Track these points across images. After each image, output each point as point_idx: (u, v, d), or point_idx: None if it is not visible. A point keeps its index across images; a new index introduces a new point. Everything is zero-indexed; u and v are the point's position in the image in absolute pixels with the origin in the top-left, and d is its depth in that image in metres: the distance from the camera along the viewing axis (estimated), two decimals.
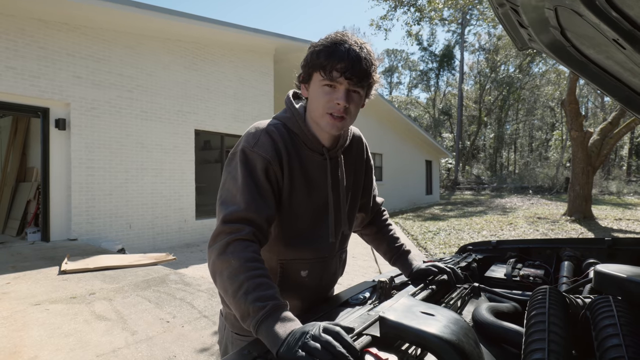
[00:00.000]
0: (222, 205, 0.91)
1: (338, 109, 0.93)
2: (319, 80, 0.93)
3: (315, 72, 0.94)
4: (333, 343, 0.59)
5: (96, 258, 4.73)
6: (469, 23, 32.27)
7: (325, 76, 0.91)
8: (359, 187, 1.17)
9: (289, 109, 1.04)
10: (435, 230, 9.22)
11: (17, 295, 3.42)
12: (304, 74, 0.98)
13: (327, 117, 0.94)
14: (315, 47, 0.94)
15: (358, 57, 0.90)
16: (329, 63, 0.90)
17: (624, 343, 0.60)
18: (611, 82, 1.31)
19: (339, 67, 0.89)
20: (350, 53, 0.90)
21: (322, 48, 0.92)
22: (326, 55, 0.91)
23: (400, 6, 12.32)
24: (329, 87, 0.92)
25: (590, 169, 10.46)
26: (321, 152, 1.02)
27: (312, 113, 0.98)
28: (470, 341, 0.64)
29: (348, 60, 0.89)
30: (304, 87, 1.00)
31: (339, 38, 0.93)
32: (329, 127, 0.95)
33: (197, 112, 7.75)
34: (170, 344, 2.63)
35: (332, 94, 0.92)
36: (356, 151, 1.15)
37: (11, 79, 5.35)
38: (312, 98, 0.97)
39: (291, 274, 1.03)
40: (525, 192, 23.04)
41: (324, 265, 1.07)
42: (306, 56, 0.97)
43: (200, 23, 6.93)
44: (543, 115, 37.51)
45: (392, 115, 14.84)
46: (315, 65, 0.93)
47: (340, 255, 1.15)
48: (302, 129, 1.00)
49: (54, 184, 5.92)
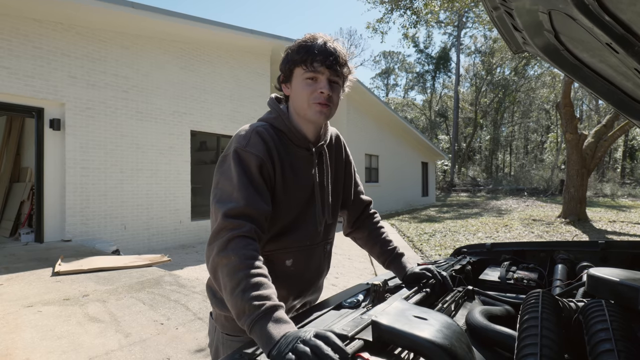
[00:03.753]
0: (219, 203, 0.91)
1: (322, 98, 0.99)
2: (300, 75, 1.00)
3: (296, 68, 1.01)
4: (322, 347, 0.60)
5: (90, 259, 4.69)
6: (465, 25, 32.47)
7: (307, 68, 0.98)
8: (340, 182, 1.24)
9: (274, 109, 1.09)
10: (431, 232, 9.23)
11: (10, 296, 3.39)
12: (284, 74, 1.05)
13: (314, 106, 1.00)
14: (292, 47, 1.03)
15: (334, 48, 0.99)
16: (309, 56, 0.97)
17: (617, 348, 0.60)
18: (604, 86, 1.32)
19: (319, 59, 0.97)
20: (327, 45, 0.99)
21: (300, 46, 1.00)
22: (305, 50, 0.98)
23: (396, 9, 12.36)
24: (311, 79, 0.99)
25: (585, 171, 10.52)
26: (307, 148, 1.08)
27: (298, 107, 1.03)
28: (462, 345, 0.64)
29: (327, 52, 0.98)
30: (285, 86, 1.07)
31: (313, 36, 1.01)
32: (317, 115, 1.01)
33: (193, 112, 7.73)
34: (164, 346, 2.61)
35: (314, 84, 0.99)
36: (336, 148, 1.23)
37: (5, 78, 5.31)
38: (296, 93, 1.02)
39: (276, 264, 1.05)
40: (521, 194, 23.16)
41: (308, 253, 1.11)
42: (284, 58, 1.04)
43: (197, 24, 6.91)
44: (538, 118, 37.74)
45: (389, 117, 14.87)
46: (296, 61, 1.00)
47: (325, 245, 1.18)
48: (288, 127, 1.05)
49: (48, 184, 5.87)
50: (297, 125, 1.06)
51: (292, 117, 1.07)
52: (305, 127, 1.07)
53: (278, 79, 1.07)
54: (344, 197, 1.26)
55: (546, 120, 37.73)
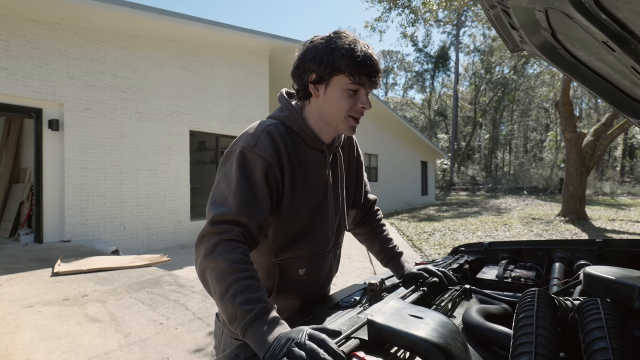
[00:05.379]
0: (213, 206, 0.88)
1: (361, 112, 0.95)
2: (343, 83, 0.91)
3: (339, 75, 0.91)
4: (318, 351, 0.59)
5: (90, 260, 4.69)
6: (464, 24, 32.42)
7: (353, 80, 0.90)
8: (352, 183, 1.19)
9: (286, 107, 1.01)
10: (431, 231, 9.24)
11: (9, 297, 3.39)
12: (319, 75, 0.92)
13: (350, 120, 0.95)
14: (333, 48, 0.89)
15: (376, 60, 0.91)
16: (358, 68, 0.89)
17: (611, 346, 0.60)
18: (602, 84, 1.32)
19: (367, 72, 0.89)
20: (372, 57, 0.90)
21: (349, 52, 0.89)
22: (356, 61, 0.88)
23: (394, 8, 12.35)
24: (353, 92, 0.92)
25: (584, 169, 10.54)
26: (321, 150, 1.02)
27: (329, 116, 0.96)
28: (458, 344, 0.64)
29: (375, 66, 0.90)
30: (316, 87, 0.94)
31: (355, 39, 0.91)
32: (350, 130, 0.96)
33: (192, 112, 7.72)
34: (164, 346, 2.61)
35: (355, 97, 0.93)
36: (348, 147, 1.16)
37: (4, 79, 5.30)
38: (332, 101, 0.94)
39: (289, 273, 1.02)
40: (520, 193, 23.17)
41: (320, 261, 1.07)
42: (321, 56, 0.90)
43: (195, 24, 6.90)
44: (537, 117, 37.74)
45: (388, 116, 14.88)
46: (341, 68, 0.89)
47: (335, 251, 1.15)
48: (301, 127, 0.98)
49: (47, 185, 5.87)
50: (312, 127, 0.99)
51: (307, 117, 0.99)
52: (324, 131, 1.00)
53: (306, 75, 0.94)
54: (355, 198, 1.23)
55: (545, 118, 37.74)
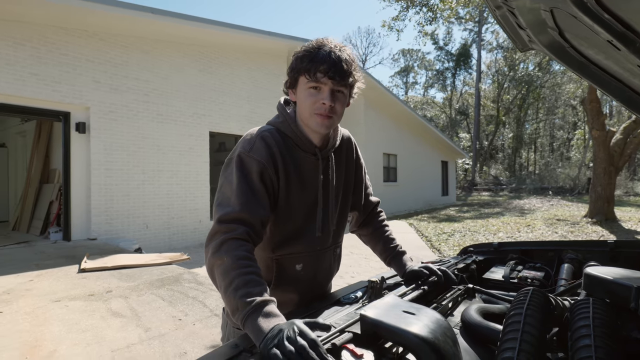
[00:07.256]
0: (218, 207, 0.97)
1: (324, 109, 0.98)
2: (304, 83, 0.99)
3: (300, 76, 1.00)
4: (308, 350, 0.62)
5: (114, 257, 4.87)
6: (486, 21, 31.68)
7: (309, 78, 0.97)
8: (350, 186, 1.23)
9: (281, 114, 1.10)
10: (450, 232, 9.10)
11: (39, 292, 3.57)
12: (290, 80, 1.04)
13: (316, 117, 1.00)
14: (298, 53, 1.01)
15: (339, 58, 0.97)
16: (312, 66, 0.96)
17: (594, 343, 0.61)
18: (612, 83, 1.29)
19: (322, 69, 0.95)
20: (332, 55, 0.96)
21: (305, 53, 0.99)
22: (309, 59, 0.97)
23: (412, 6, 12.21)
24: (314, 89, 0.99)
25: (613, 169, 10.13)
26: (314, 153, 1.08)
27: (301, 115, 1.04)
28: (447, 340, 0.66)
29: (330, 62, 0.95)
30: (292, 92, 1.06)
31: (320, 43, 1.00)
32: (318, 126, 1.01)
33: (212, 114, 7.89)
34: (182, 341, 2.70)
35: (317, 95, 0.98)
36: (346, 151, 1.21)
37: (34, 84, 5.57)
38: (300, 101, 1.03)
39: (287, 268, 1.09)
40: (545, 193, 22.46)
41: (317, 258, 1.13)
42: (291, 63, 1.03)
43: (215, 27, 7.05)
44: (564, 114, 36.42)
45: (407, 116, 14.72)
46: (300, 69, 0.99)
47: (334, 250, 1.20)
48: (294, 132, 1.06)
49: (75, 185, 6.14)
50: (303, 131, 1.06)
51: (298, 122, 1.07)
52: (310, 133, 1.06)
53: (285, 83, 1.07)
54: (355, 200, 1.27)
55: (573, 116, 36.37)
